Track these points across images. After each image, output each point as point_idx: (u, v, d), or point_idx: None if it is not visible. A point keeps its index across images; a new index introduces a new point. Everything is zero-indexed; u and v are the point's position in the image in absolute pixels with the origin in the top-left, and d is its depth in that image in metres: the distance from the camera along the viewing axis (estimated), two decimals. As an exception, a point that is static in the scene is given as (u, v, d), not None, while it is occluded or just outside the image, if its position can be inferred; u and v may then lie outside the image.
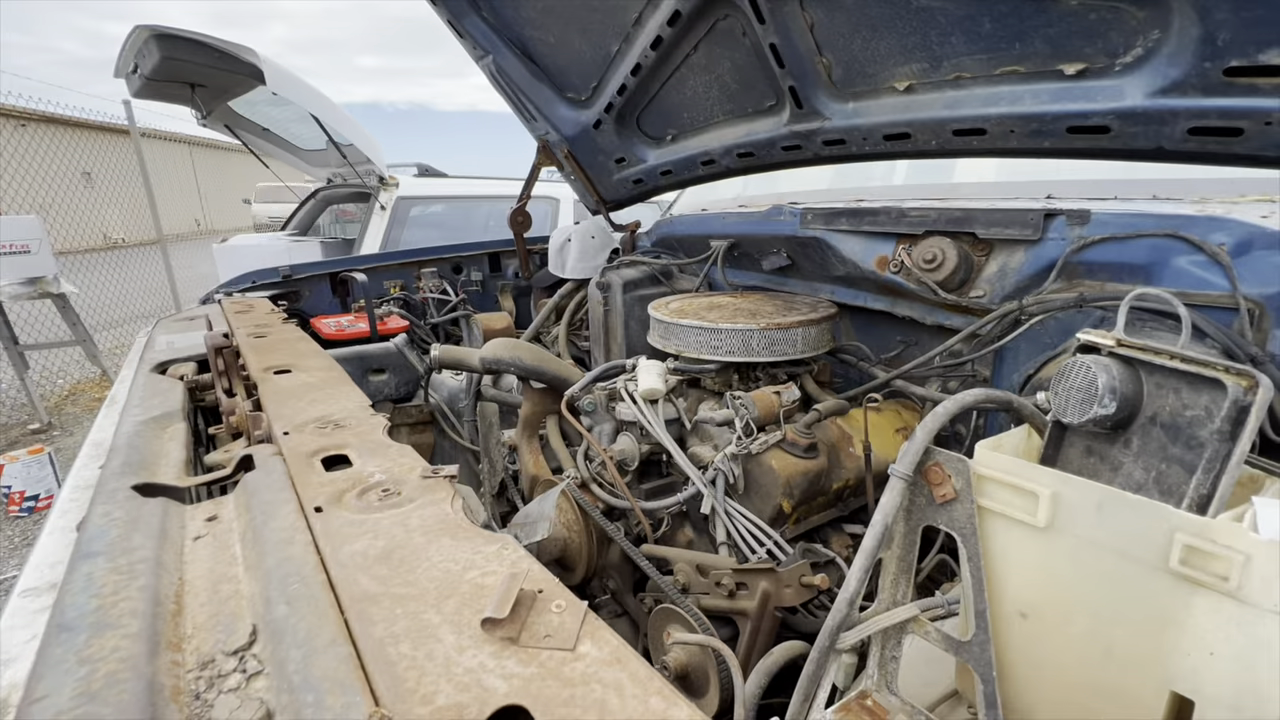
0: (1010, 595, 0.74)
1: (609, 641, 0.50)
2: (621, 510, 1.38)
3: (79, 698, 0.43)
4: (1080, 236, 1.19)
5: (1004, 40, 1.15)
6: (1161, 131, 1.06)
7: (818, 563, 1.23)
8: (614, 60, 1.79)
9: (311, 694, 0.44)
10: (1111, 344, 0.74)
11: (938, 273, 1.34)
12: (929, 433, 0.79)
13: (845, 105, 1.51)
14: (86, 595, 0.54)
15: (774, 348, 1.35)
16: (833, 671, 0.79)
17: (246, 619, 0.55)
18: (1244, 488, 0.72)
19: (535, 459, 1.60)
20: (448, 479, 0.75)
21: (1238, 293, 0.97)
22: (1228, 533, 0.56)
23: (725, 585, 1.12)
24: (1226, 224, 1.03)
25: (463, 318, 2.69)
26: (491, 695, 0.44)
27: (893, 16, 1.24)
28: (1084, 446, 0.78)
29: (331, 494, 0.72)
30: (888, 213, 1.49)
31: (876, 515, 0.78)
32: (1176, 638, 0.61)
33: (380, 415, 0.98)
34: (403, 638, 0.49)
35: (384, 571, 0.58)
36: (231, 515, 0.73)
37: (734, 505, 1.20)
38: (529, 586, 0.54)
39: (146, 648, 0.48)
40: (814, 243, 1.66)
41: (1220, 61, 0.94)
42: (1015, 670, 0.76)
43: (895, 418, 1.46)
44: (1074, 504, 0.67)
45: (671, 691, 0.45)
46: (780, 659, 0.98)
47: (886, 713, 0.76)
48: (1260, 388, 0.64)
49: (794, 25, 1.39)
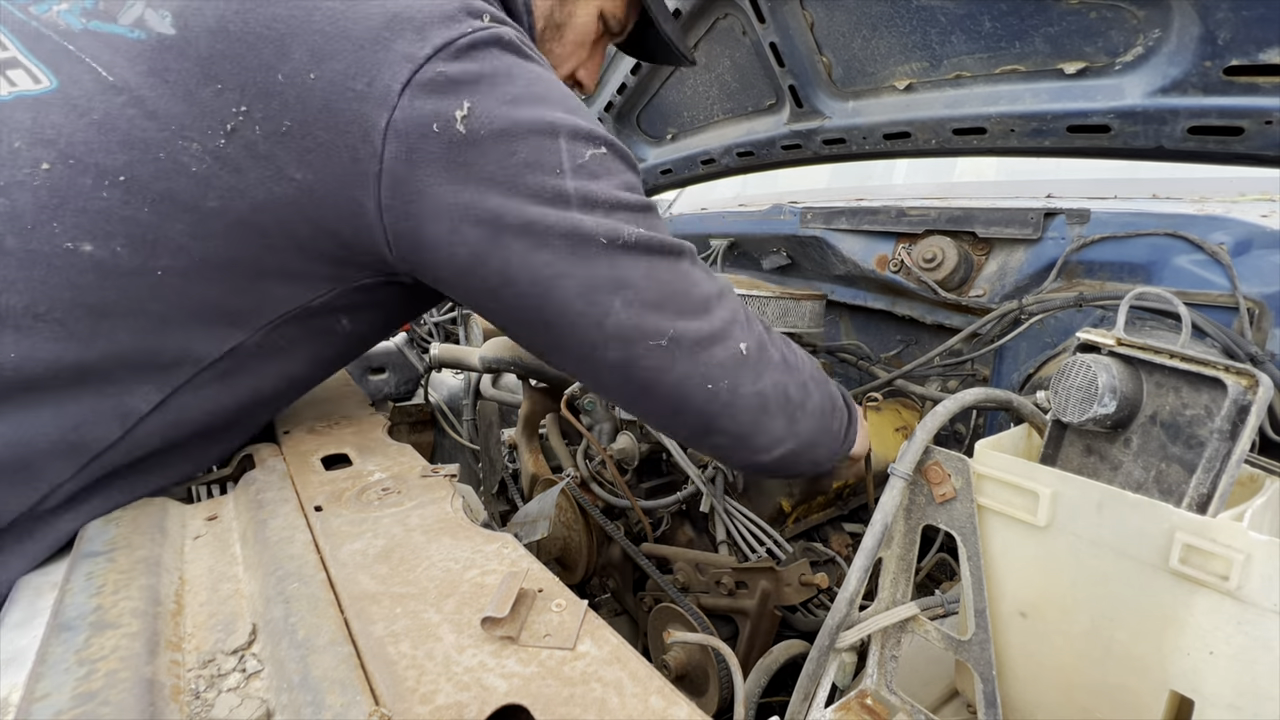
0: (1010, 594, 0.74)
1: (609, 640, 0.50)
2: (621, 509, 1.38)
3: (79, 697, 0.43)
4: (1080, 236, 1.19)
5: (1004, 39, 1.15)
6: (1161, 130, 1.06)
7: (817, 561, 1.23)
8: (614, 59, 1.79)
9: (311, 693, 0.44)
10: (1111, 343, 0.74)
11: (937, 272, 1.34)
12: (929, 432, 0.79)
13: (845, 104, 1.51)
14: (86, 595, 0.54)
15: (786, 318, 1.32)
16: (832, 670, 0.79)
17: (246, 618, 0.55)
18: (1244, 487, 0.72)
19: (535, 458, 1.60)
20: (448, 478, 0.75)
21: (1238, 292, 0.97)
22: (1228, 532, 0.56)
23: (725, 584, 1.12)
24: (1226, 223, 1.04)
25: (462, 317, 2.69)
26: (491, 694, 0.44)
27: (893, 15, 1.24)
28: (1084, 446, 0.78)
29: (331, 493, 0.72)
30: (887, 212, 1.49)
31: (876, 514, 0.78)
32: (1176, 637, 0.61)
33: (380, 414, 0.98)
34: (403, 637, 0.49)
35: (384, 570, 0.58)
36: (231, 514, 0.73)
37: (733, 504, 1.20)
38: (529, 585, 0.54)
39: (146, 647, 0.49)
40: (814, 242, 1.66)
41: (1220, 60, 0.94)
42: (1015, 669, 0.76)
43: (895, 417, 1.46)
44: (1074, 503, 0.67)
45: (671, 690, 0.45)
46: (780, 658, 0.98)
47: (886, 712, 0.76)
48: (1260, 387, 0.64)
49: (794, 24, 1.39)
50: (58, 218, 0.56)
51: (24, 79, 0.57)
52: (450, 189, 0.62)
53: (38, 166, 0.55)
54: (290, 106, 0.59)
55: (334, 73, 0.59)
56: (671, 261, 0.72)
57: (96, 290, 0.58)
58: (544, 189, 0.64)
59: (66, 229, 0.56)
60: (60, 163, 0.56)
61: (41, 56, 0.58)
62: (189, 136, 0.58)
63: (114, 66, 0.58)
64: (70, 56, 0.58)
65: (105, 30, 0.59)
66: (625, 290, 0.67)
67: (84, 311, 0.58)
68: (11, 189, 0.55)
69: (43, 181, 0.55)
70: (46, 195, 0.55)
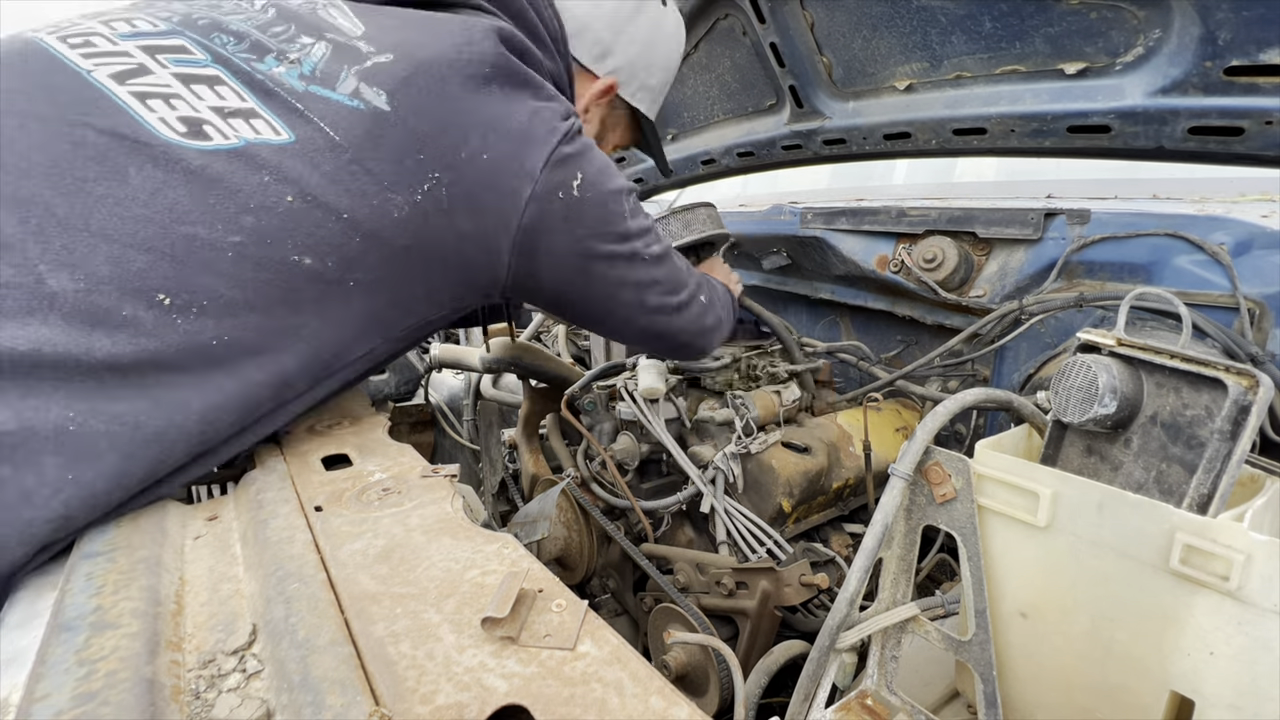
0: (1010, 595, 0.74)
1: (609, 641, 0.50)
2: (621, 509, 1.38)
3: (79, 697, 0.43)
4: (1080, 236, 1.19)
5: (1004, 39, 1.15)
6: (1162, 131, 1.06)
7: (818, 562, 1.23)
8: (614, 59, 1.79)
9: (311, 693, 0.44)
10: (1112, 343, 0.74)
11: (938, 272, 1.34)
12: (929, 432, 0.79)
13: (845, 104, 1.51)
14: (86, 595, 0.54)
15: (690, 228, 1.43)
16: (833, 671, 0.79)
17: (246, 618, 0.55)
18: (1244, 488, 0.72)
19: (535, 458, 1.60)
20: (448, 478, 0.75)
21: (1238, 292, 0.97)
22: (1228, 532, 0.56)
23: (725, 584, 1.12)
24: (1226, 224, 1.04)
25: (462, 317, 2.68)
26: (492, 694, 0.44)
27: (893, 15, 1.24)
28: (1084, 446, 0.78)
29: (331, 493, 0.72)
30: (888, 212, 1.49)
31: (876, 515, 0.78)
32: (1177, 637, 0.61)
33: (380, 415, 0.98)
34: (403, 637, 0.49)
35: (384, 570, 0.58)
36: (232, 514, 0.73)
37: (734, 504, 1.20)
38: (529, 586, 0.54)
39: (147, 647, 0.48)
40: (814, 242, 1.66)
41: (1221, 61, 0.94)
42: (1015, 670, 0.76)
43: (895, 417, 1.46)
44: (1074, 503, 0.67)
45: (672, 691, 0.45)
46: (780, 658, 0.98)
47: (887, 712, 0.76)
48: (1261, 387, 0.64)
49: (794, 24, 1.40)
50: (293, 237, 0.71)
51: (266, 129, 0.72)
52: (562, 236, 0.88)
53: (283, 198, 0.71)
54: (467, 178, 0.80)
55: (498, 154, 0.81)
56: (672, 260, 1.05)
57: (302, 292, 0.74)
58: (617, 231, 0.93)
59: (297, 246, 0.72)
60: (300, 199, 0.71)
61: (275, 111, 0.73)
62: (395, 191, 0.76)
63: (338, 128, 0.74)
64: (300, 115, 0.73)
65: (325, 95, 0.75)
66: (658, 284, 1.02)
67: (287, 310, 0.73)
68: (261, 211, 0.70)
69: (286, 209, 0.71)
70: (288, 220, 0.71)
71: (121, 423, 0.64)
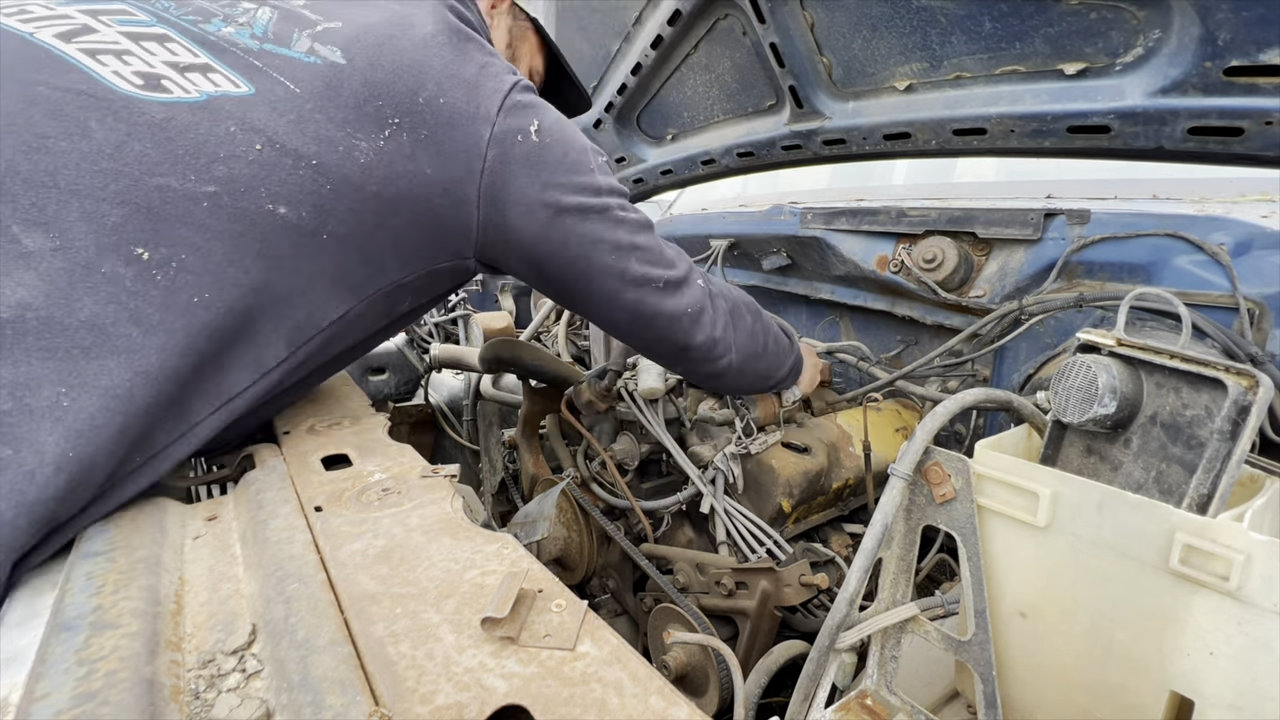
0: (1010, 595, 0.74)
1: (609, 641, 0.50)
2: (621, 509, 1.38)
3: (79, 697, 0.43)
4: (1080, 236, 1.19)
5: (1004, 40, 1.15)
6: (1161, 131, 1.06)
7: (817, 562, 1.23)
8: (614, 59, 1.79)
9: (311, 693, 0.44)
10: (1111, 343, 0.74)
11: (938, 272, 1.34)
12: (929, 432, 0.79)
13: (845, 105, 1.51)
14: (86, 595, 0.54)
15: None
16: (832, 671, 0.79)
17: (246, 618, 0.55)
18: (1244, 488, 0.72)
19: (535, 458, 1.60)
20: (448, 478, 0.75)
21: (1238, 292, 0.97)
22: (1228, 532, 0.56)
23: (725, 584, 1.12)
24: (1226, 224, 1.04)
25: (462, 317, 2.69)
26: (491, 695, 0.44)
27: (893, 16, 1.24)
28: (1084, 446, 0.78)
29: (331, 493, 0.72)
30: (887, 212, 1.49)
31: (876, 515, 0.78)
32: (1176, 637, 0.61)
33: (380, 415, 0.98)
34: (402, 637, 0.49)
35: (384, 571, 0.58)
36: (231, 514, 0.73)
37: (733, 504, 1.20)
38: (529, 586, 0.54)
39: (146, 647, 0.48)
40: (814, 242, 1.66)
41: (1221, 61, 0.94)
42: (1015, 670, 0.76)
43: (895, 417, 1.46)
44: (1074, 503, 0.67)
45: (671, 691, 0.45)
46: (780, 658, 0.98)
47: (886, 712, 0.76)
48: (1261, 387, 0.64)
49: (794, 24, 1.39)
50: (265, 185, 0.71)
51: (225, 83, 0.73)
52: (527, 181, 0.87)
53: (252, 146, 0.71)
54: (427, 122, 0.81)
55: (454, 99, 0.83)
56: (651, 231, 1.00)
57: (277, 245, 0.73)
58: (584, 183, 0.91)
59: (271, 194, 0.72)
60: (269, 146, 0.72)
61: (231, 66, 0.74)
62: (359, 136, 0.77)
63: (298, 81, 0.75)
64: (257, 70, 0.75)
65: (280, 52, 0.77)
66: (638, 251, 0.95)
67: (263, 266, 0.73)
68: (232, 160, 0.70)
69: (255, 157, 0.71)
70: (259, 168, 0.71)
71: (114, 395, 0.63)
